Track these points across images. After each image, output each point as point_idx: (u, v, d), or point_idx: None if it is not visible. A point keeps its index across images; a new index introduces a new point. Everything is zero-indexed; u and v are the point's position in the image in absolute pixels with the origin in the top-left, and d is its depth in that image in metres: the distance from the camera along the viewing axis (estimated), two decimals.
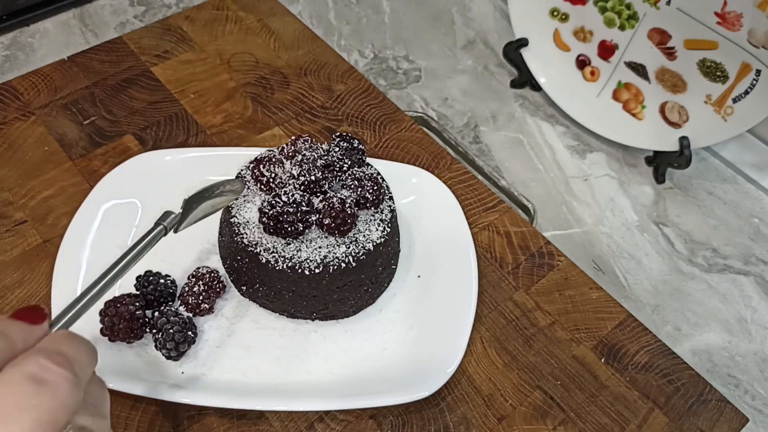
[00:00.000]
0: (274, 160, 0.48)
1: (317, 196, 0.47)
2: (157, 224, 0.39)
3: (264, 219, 0.45)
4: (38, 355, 0.27)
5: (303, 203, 0.45)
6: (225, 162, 0.55)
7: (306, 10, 0.82)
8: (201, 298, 0.48)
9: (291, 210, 0.44)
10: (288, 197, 0.45)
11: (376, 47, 0.80)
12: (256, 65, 0.69)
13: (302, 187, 0.47)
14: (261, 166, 0.48)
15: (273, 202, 0.45)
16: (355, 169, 0.49)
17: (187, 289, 0.49)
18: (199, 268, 0.50)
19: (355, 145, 0.50)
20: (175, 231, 0.41)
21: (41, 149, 0.59)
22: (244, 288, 0.50)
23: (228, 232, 0.48)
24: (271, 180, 0.47)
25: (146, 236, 0.38)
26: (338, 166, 0.48)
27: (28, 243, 0.53)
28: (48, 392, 0.26)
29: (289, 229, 0.45)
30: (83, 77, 0.65)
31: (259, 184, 0.48)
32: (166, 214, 0.40)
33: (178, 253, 0.52)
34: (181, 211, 0.41)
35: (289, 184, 0.47)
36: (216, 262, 0.52)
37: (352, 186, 0.48)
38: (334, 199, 0.46)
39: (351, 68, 0.70)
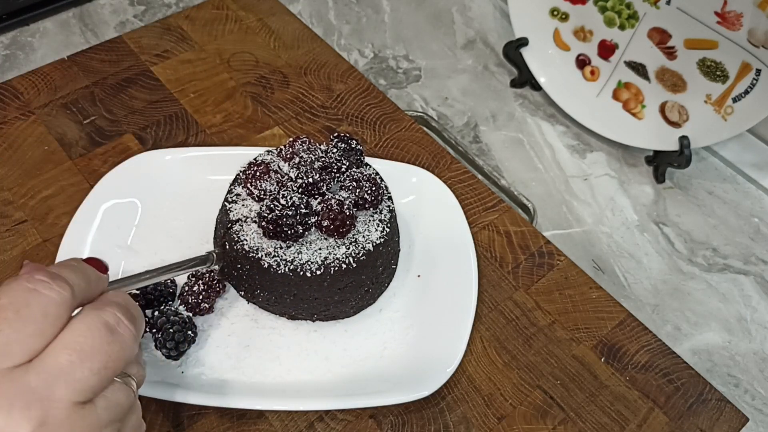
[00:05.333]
0: (266, 170, 0.48)
1: (315, 198, 0.47)
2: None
3: (264, 223, 0.45)
4: (113, 307, 0.30)
5: (302, 206, 0.45)
6: (225, 161, 0.55)
7: (306, 9, 0.82)
8: (201, 297, 0.48)
9: (290, 213, 0.44)
10: (286, 200, 0.45)
11: (376, 47, 0.80)
12: (256, 65, 0.69)
13: (300, 190, 0.47)
14: (252, 180, 0.48)
15: (272, 206, 0.45)
16: (354, 170, 0.49)
17: (187, 288, 0.49)
18: None
19: (353, 146, 0.50)
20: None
21: (41, 149, 0.59)
22: (243, 293, 0.50)
23: (226, 239, 0.48)
24: (263, 194, 0.47)
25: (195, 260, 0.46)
26: (336, 167, 0.48)
27: (28, 242, 0.53)
28: (117, 342, 0.29)
29: (289, 232, 0.45)
30: (83, 77, 0.65)
31: (251, 197, 0.48)
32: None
33: (178, 252, 0.52)
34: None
35: (287, 187, 0.47)
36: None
37: (351, 187, 0.48)
38: (332, 201, 0.46)
39: (351, 68, 0.70)
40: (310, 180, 0.46)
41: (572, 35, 0.74)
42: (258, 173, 0.48)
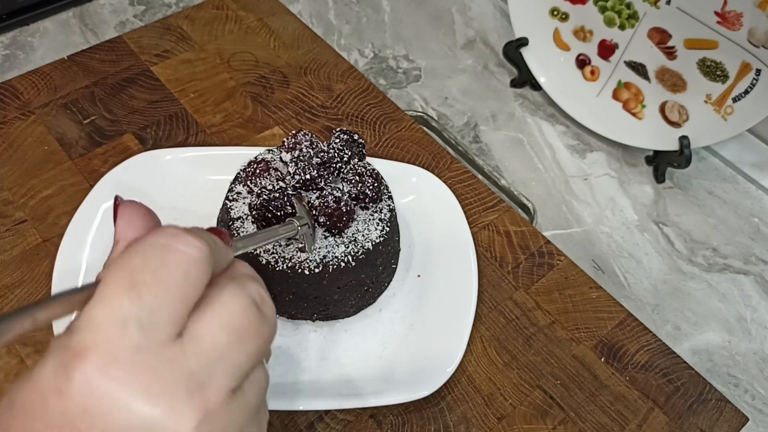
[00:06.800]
0: (266, 168, 0.48)
1: (314, 192, 0.47)
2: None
3: (253, 212, 0.45)
4: (253, 282, 0.27)
5: (289, 189, 0.45)
6: (225, 161, 0.55)
7: (306, 9, 0.82)
8: None
9: (277, 195, 0.45)
10: (273, 185, 0.45)
11: (376, 47, 0.80)
12: (256, 64, 0.69)
13: (298, 186, 0.47)
14: (252, 178, 0.48)
15: (259, 192, 0.45)
16: (357, 162, 0.49)
17: None
18: None
19: (355, 138, 0.50)
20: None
21: (41, 148, 0.59)
22: None
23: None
24: (263, 191, 0.48)
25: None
26: (338, 158, 0.48)
27: (28, 242, 0.53)
28: (267, 323, 0.26)
29: (278, 213, 0.45)
30: (83, 76, 0.65)
31: (251, 195, 0.48)
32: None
33: None
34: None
35: (287, 183, 0.47)
36: None
37: (353, 181, 0.48)
38: (329, 197, 0.46)
39: (351, 67, 0.70)
40: (308, 176, 0.46)
41: (572, 35, 0.74)
42: (258, 171, 0.48)
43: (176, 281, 0.23)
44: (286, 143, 0.49)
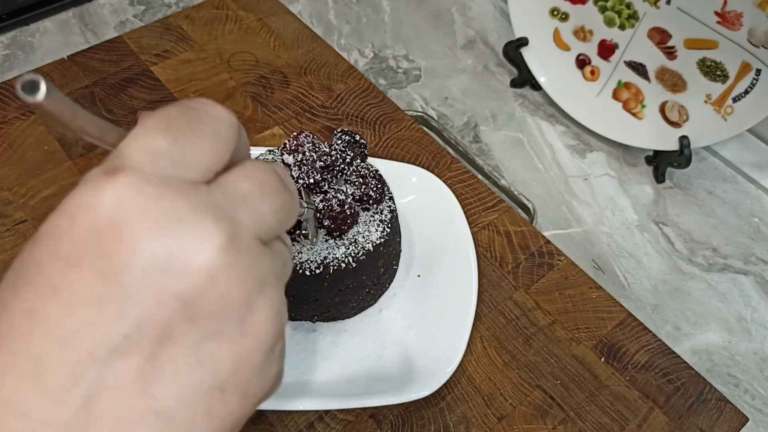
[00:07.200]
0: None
1: (317, 196, 0.47)
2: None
3: None
4: (275, 164, 0.27)
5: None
6: None
7: (306, 9, 0.82)
8: None
9: None
10: None
11: (376, 46, 0.80)
12: (256, 64, 0.69)
13: (301, 189, 0.47)
14: None
15: None
16: (360, 163, 0.49)
17: None
18: None
19: (357, 139, 0.50)
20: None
21: (41, 148, 0.59)
22: None
23: None
24: None
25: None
26: (341, 160, 0.48)
27: None
28: (289, 192, 0.26)
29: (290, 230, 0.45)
30: (83, 76, 0.65)
31: None
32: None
33: None
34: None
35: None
36: None
37: (357, 183, 0.48)
38: (333, 200, 0.46)
39: (351, 67, 0.70)
40: (311, 180, 0.46)
41: (572, 35, 0.74)
42: None
43: (208, 135, 0.24)
44: (287, 145, 0.49)
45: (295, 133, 0.50)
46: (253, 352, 0.24)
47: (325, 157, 0.47)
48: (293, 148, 0.49)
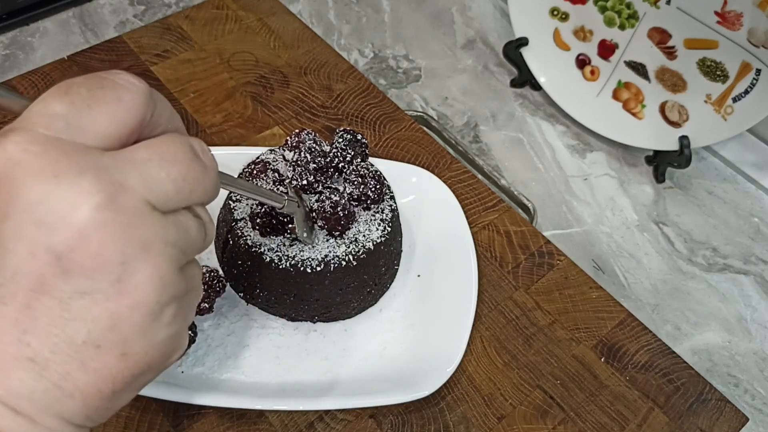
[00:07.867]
0: (264, 169, 0.48)
1: (312, 196, 0.47)
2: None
3: (257, 220, 0.45)
4: (197, 139, 0.27)
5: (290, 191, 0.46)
6: (225, 161, 0.55)
7: (306, 9, 0.82)
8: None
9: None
10: (273, 188, 0.45)
11: (376, 46, 0.80)
12: (256, 64, 0.69)
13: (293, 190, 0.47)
14: (250, 178, 0.48)
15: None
16: (360, 163, 0.49)
17: None
18: None
19: (358, 138, 0.50)
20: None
21: None
22: (243, 294, 0.50)
23: (230, 236, 0.48)
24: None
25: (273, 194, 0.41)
26: (339, 158, 0.48)
27: None
28: (200, 164, 0.26)
29: (284, 220, 0.45)
30: None
31: None
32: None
33: None
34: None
35: (284, 186, 0.47)
36: (216, 263, 0.52)
37: (356, 182, 0.48)
38: (327, 202, 0.46)
39: (351, 67, 0.70)
40: (304, 182, 0.47)
41: (572, 35, 0.74)
42: (255, 172, 0.48)
43: (109, 100, 0.25)
44: (289, 142, 0.49)
45: (296, 131, 0.50)
46: (133, 313, 0.24)
47: (319, 159, 0.47)
48: (294, 144, 0.49)
